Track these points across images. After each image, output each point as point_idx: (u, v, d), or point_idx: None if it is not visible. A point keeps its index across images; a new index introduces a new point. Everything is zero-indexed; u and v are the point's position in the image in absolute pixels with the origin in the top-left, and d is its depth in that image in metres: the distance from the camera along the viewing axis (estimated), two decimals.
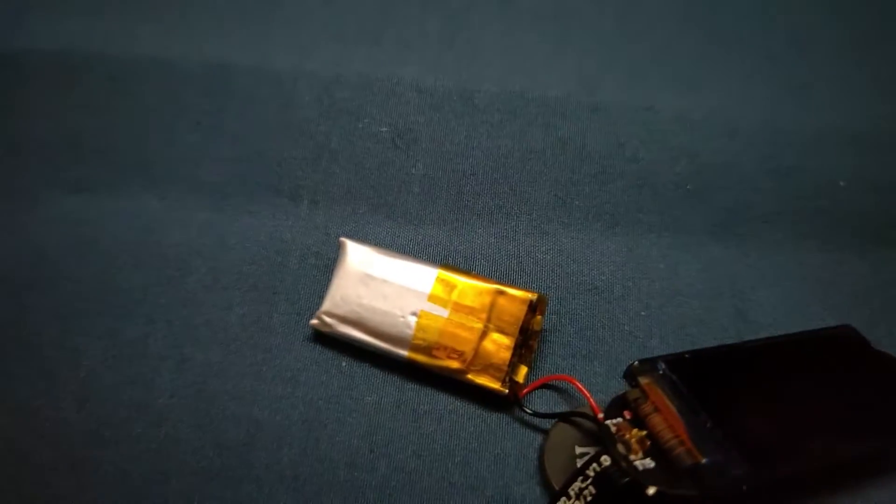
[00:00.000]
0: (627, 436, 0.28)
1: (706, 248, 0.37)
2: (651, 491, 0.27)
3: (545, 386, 0.34)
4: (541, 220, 0.38)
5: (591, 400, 0.31)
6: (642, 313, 0.35)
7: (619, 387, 0.30)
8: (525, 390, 0.33)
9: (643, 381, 0.30)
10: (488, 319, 0.33)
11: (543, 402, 0.33)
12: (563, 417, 0.32)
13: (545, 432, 0.33)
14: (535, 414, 0.32)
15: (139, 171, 0.39)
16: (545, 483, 0.31)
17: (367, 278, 0.34)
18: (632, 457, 0.28)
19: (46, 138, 0.40)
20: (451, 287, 0.33)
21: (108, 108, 0.41)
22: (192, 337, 0.35)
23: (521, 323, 0.32)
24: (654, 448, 0.28)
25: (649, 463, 0.28)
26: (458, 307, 0.33)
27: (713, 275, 0.36)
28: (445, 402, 0.34)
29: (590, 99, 0.40)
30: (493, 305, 0.33)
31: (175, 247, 0.37)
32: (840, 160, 0.39)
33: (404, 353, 0.33)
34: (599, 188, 0.38)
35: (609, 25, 0.44)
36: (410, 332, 0.33)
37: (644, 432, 0.28)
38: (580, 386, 0.32)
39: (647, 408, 0.29)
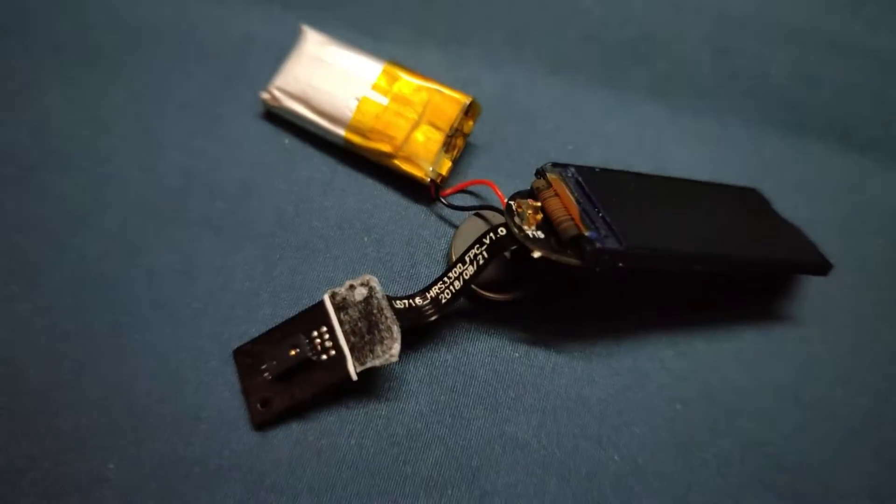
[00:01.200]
0: (523, 209, 0.31)
1: (639, 106, 0.40)
2: (536, 254, 0.30)
3: (467, 192, 0.37)
4: (493, 55, 0.40)
5: (503, 199, 0.34)
6: (569, 147, 0.38)
7: None
8: (447, 191, 0.36)
9: (550, 175, 0.32)
10: (423, 113, 0.35)
11: (462, 202, 0.36)
12: (476, 212, 0.35)
13: (456, 227, 0.36)
14: (451, 206, 0.35)
15: None
16: (449, 264, 0.34)
17: (318, 62, 0.36)
18: (525, 227, 0.30)
19: None
20: (393, 79, 0.36)
21: None
22: (151, 94, 0.38)
23: (452, 121, 0.35)
24: (546, 224, 0.31)
25: (539, 234, 0.30)
26: (397, 98, 0.35)
27: (641, 130, 0.39)
28: (372, 186, 0.36)
29: None
30: (429, 102, 0.35)
31: (148, 19, 0.40)
32: (777, 50, 0.42)
33: (342, 132, 0.35)
34: (553, 34, 0.41)
35: None
36: (350, 113, 0.35)
37: (539, 204, 0.31)
38: (496, 188, 0.35)
39: (547, 193, 0.31)
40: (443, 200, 0.35)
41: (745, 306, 0.36)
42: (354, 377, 0.30)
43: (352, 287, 0.32)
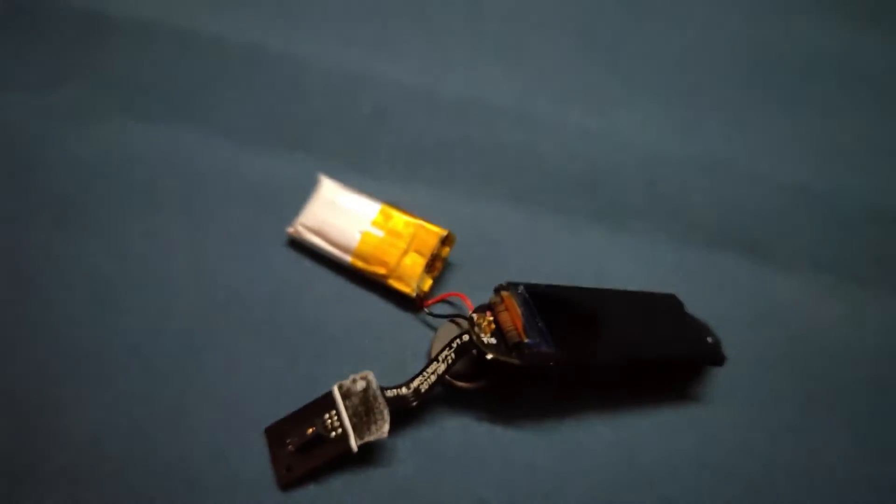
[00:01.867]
0: (481, 322, 0.41)
1: (584, 229, 0.50)
2: (489, 356, 0.40)
3: (445, 301, 0.47)
4: (468, 191, 0.51)
5: (472, 308, 0.44)
6: (526, 265, 0.48)
7: None
8: (430, 301, 0.46)
9: (504, 293, 0.43)
10: (410, 243, 0.46)
11: (441, 311, 0.47)
12: (450, 318, 0.45)
13: (435, 331, 0.46)
14: (431, 314, 0.46)
15: None
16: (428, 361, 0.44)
17: (332, 204, 0.48)
18: (482, 335, 0.41)
19: None
20: (388, 217, 0.47)
21: None
22: (204, 228, 0.49)
23: (432, 249, 0.46)
24: (498, 332, 0.41)
25: (493, 340, 0.41)
26: (390, 231, 0.46)
27: (585, 248, 0.50)
28: (373, 300, 0.47)
29: (525, 110, 0.54)
30: (415, 234, 0.46)
31: (203, 167, 0.52)
32: (697, 181, 0.52)
33: (349, 258, 0.46)
34: (515, 174, 0.52)
35: (556, 51, 0.58)
36: (355, 244, 0.46)
37: (491, 318, 0.41)
38: (467, 299, 0.45)
39: (500, 307, 0.42)
40: (426, 310, 0.46)
41: (665, 390, 0.46)
42: (355, 449, 0.40)
43: (354, 380, 0.42)
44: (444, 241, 0.47)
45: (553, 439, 0.44)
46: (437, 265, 0.47)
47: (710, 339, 0.45)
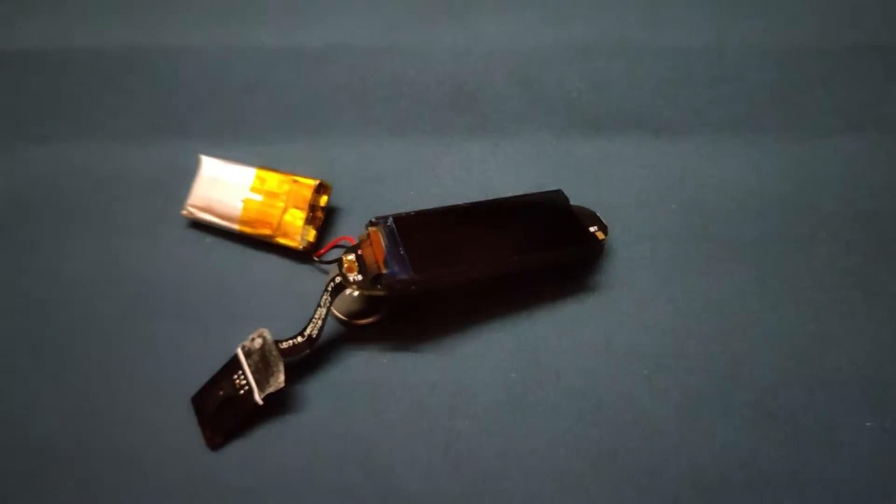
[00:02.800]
0: (346, 262, 0.43)
1: (465, 145, 0.50)
2: (356, 292, 0.41)
3: (338, 246, 0.49)
4: (347, 135, 0.52)
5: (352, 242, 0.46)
6: (411, 192, 0.49)
7: None
8: (321, 251, 0.48)
9: (371, 229, 0.44)
10: (287, 200, 0.48)
11: (336, 257, 0.48)
12: (336, 262, 0.47)
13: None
14: (323, 261, 0.47)
15: None
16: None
17: (213, 180, 0.50)
18: (349, 274, 0.42)
19: None
20: (263, 180, 0.49)
21: None
22: (110, 224, 0.52)
23: (308, 201, 0.47)
24: (363, 269, 0.42)
25: (359, 277, 0.42)
26: (268, 194, 0.48)
27: (468, 165, 0.50)
28: (271, 260, 0.49)
29: (390, 43, 0.54)
30: (290, 191, 0.48)
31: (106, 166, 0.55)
32: (570, 69, 0.51)
33: (237, 227, 0.49)
34: (389, 106, 0.52)
35: None
36: (239, 212, 0.48)
37: (353, 258, 0.42)
38: (352, 239, 0.47)
39: (365, 244, 0.43)
40: (317, 259, 0.48)
41: (561, 283, 0.46)
42: (260, 402, 0.43)
43: (253, 339, 0.45)
44: (319, 189, 0.48)
45: (454, 354, 0.45)
46: (319, 215, 0.49)
47: (593, 229, 0.45)
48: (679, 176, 0.47)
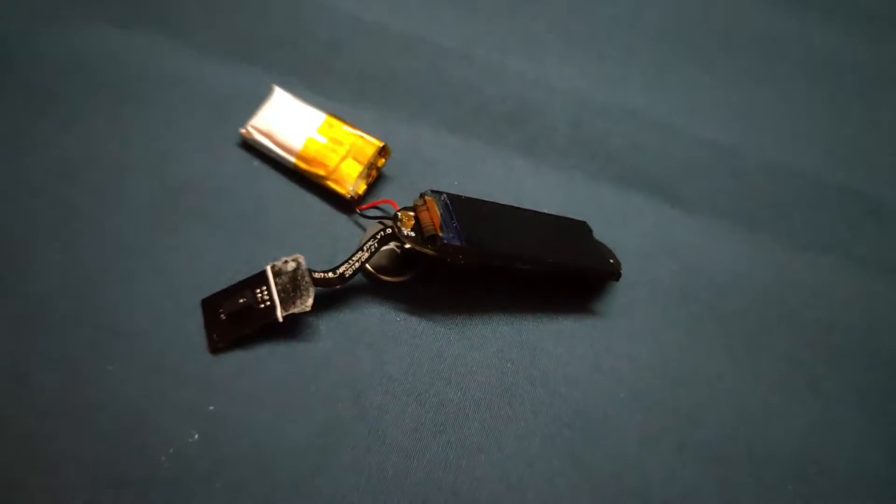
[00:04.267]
0: (404, 218, 0.46)
1: (511, 160, 0.56)
2: (407, 245, 0.45)
3: (377, 208, 0.52)
4: (409, 116, 0.56)
5: (398, 208, 0.50)
6: (454, 183, 0.54)
7: None
8: (363, 206, 0.51)
9: (427, 196, 0.48)
10: (349, 150, 0.51)
11: (374, 215, 0.52)
12: (378, 220, 0.50)
13: (364, 230, 0.51)
14: (363, 215, 0.51)
15: None
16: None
17: (282, 110, 0.52)
18: (403, 228, 0.46)
19: None
20: (331, 126, 0.52)
21: None
22: (167, 126, 0.54)
23: (368, 158, 0.51)
24: (418, 228, 0.46)
25: (412, 233, 0.46)
26: (333, 139, 0.51)
27: (509, 175, 0.55)
28: (311, 199, 0.52)
29: (468, 51, 0.59)
30: (354, 143, 0.51)
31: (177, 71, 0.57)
32: (617, 126, 0.58)
33: (293, 159, 0.51)
34: (453, 105, 0.57)
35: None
36: (300, 147, 0.51)
37: (412, 215, 0.46)
38: (395, 205, 0.50)
39: (421, 207, 0.47)
40: (358, 212, 0.51)
41: (568, 301, 0.51)
42: (280, 319, 0.45)
43: (286, 261, 0.47)
44: (381, 151, 0.52)
45: (462, 332, 0.49)
46: (373, 173, 0.52)
47: (612, 261, 0.51)
48: (684, 243, 0.54)
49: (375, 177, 0.52)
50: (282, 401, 0.45)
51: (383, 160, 0.52)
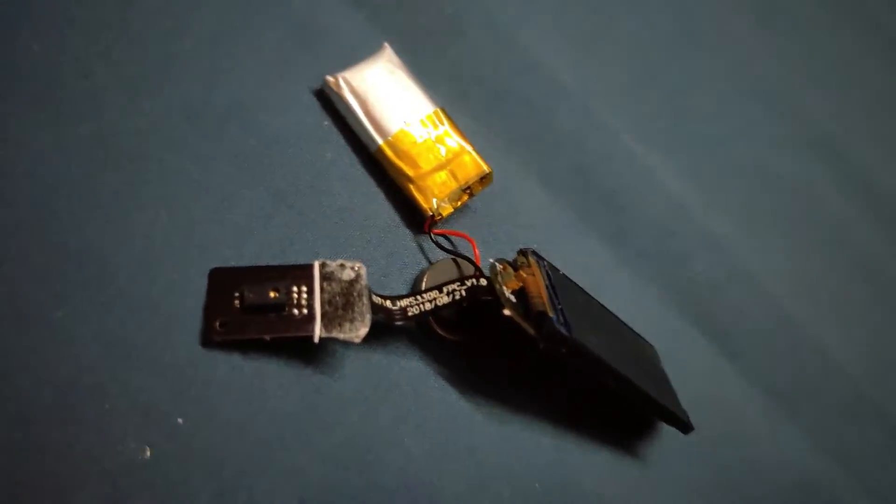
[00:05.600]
0: (507, 274, 0.37)
1: (594, 243, 0.47)
2: (507, 312, 0.35)
3: (447, 238, 0.42)
4: (509, 151, 0.47)
5: (478, 256, 0.40)
6: (533, 245, 0.44)
7: None
8: (437, 231, 0.41)
9: (531, 258, 0.38)
10: (450, 161, 0.41)
11: (444, 245, 0.41)
12: (455, 256, 0.40)
13: (431, 263, 0.41)
14: (436, 243, 0.40)
15: None
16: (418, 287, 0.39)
17: (387, 77, 0.41)
18: (505, 288, 0.36)
19: None
20: (440, 123, 0.41)
21: None
22: (228, 35, 0.41)
23: (468, 179, 0.41)
24: (521, 294, 0.36)
25: (513, 298, 0.36)
26: (436, 139, 0.41)
27: (589, 260, 0.46)
28: (380, 196, 0.41)
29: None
30: (458, 155, 0.41)
31: None
32: (705, 253, 0.51)
33: (379, 141, 0.40)
34: (553, 158, 0.48)
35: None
36: (395, 130, 0.40)
37: (522, 274, 0.37)
38: (475, 246, 0.40)
39: (527, 271, 0.37)
40: (431, 235, 0.40)
41: (619, 432, 0.43)
42: (316, 339, 0.34)
43: (342, 266, 0.36)
44: (483, 179, 0.42)
45: (500, 427, 0.39)
46: (463, 198, 0.42)
47: (682, 407, 0.44)
48: (731, 403, 0.48)
49: (464, 202, 0.42)
50: (264, 443, 0.33)
51: (480, 188, 0.42)
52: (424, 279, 0.39)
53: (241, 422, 0.33)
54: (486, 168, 0.41)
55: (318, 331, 0.34)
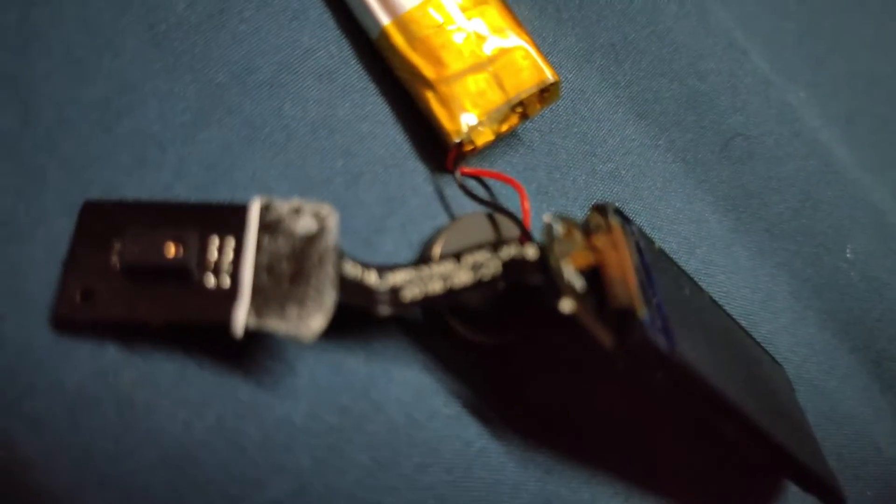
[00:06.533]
0: (572, 240, 0.22)
1: (708, 204, 0.32)
2: (567, 307, 0.20)
3: (484, 182, 0.27)
4: (592, 58, 0.31)
5: (528, 212, 0.25)
6: (615, 202, 0.29)
7: None
8: (467, 170, 0.26)
9: (613, 221, 0.23)
10: (493, 61, 0.26)
11: (476, 191, 0.27)
12: (493, 208, 0.26)
13: (453, 218, 0.26)
14: (463, 188, 0.25)
15: None
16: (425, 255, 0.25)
17: None
18: (564, 266, 0.21)
19: None
20: (485, 7, 0.26)
21: None
22: None
23: (521, 90, 0.26)
24: (594, 275, 0.22)
25: (580, 281, 0.21)
26: (474, 31, 0.26)
27: (698, 228, 0.31)
28: (381, 108, 0.26)
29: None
30: (507, 54, 0.26)
31: None
32: (857, 232, 0.36)
33: (383, 20, 0.25)
34: (661, 83, 0.33)
35: None
36: (410, 5, 0.25)
37: (596, 245, 0.22)
38: (525, 197, 0.26)
39: (605, 239, 0.23)
40: (457, 175, 0.26)
41: (731, 489, 0.28)
42: (239, 331, 0.20)
43: (298, 210, 0.22)
44: (546, 91, 0.27)
45: (541, 486, 0.25)
46: (512, 120, 0.27)
47: (825, 460, 0.29)
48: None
49: (513, 127, 0.28)
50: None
51: (539, 106, 0.27)
52: (439, 244, 0.25)
53: (106, 463, 0.20)
54: (550, 76, 0.26)
55: (242, 317, 0.20)
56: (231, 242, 0.21)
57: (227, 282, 0.20)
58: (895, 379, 0.34)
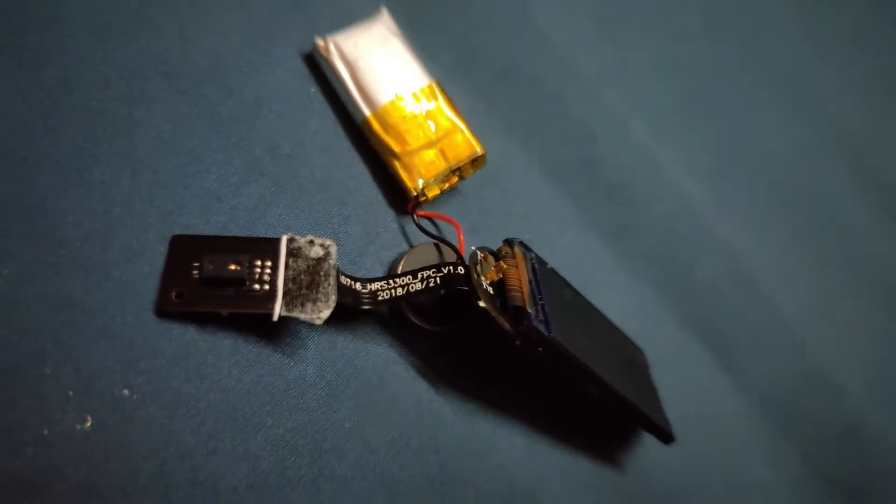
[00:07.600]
0: (487, 263, 0.34)
1: (593, 237, 0.45)
2: (482, 304, 0.33)
3: (432, 221, 0.40)
4: (510, 132, 0.44)
5: (462, 244, 0.38)
6: (525, 236, 0.41)
7: None
8: (421, 213, 0.38)
9: (517, 250, 0.36)
10: (440, 139, 0.38)
11: (427, 228, 0.39)
12: (438, 241, 0.38)
13: (411, 246, 0.39)
14: (419, 226, 0.38)
15: None
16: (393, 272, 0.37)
17: (381, 44, 0.39)
18: (483, 279, 0.33)
19: None
20: (433, 97, 0.39)
21: None
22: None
23: (459, 160, 0.38)
24: (500, 286, 0.34)
25: (491, 290, 0.34)
26: (427, 114, 0.38)
27: (586, 256, 0.44)
28: (363, 171, 0.39)
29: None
30: (450, 133, 0.38)
31: None
32: (705, 257, 0.48)
33: (367, 112, 0.38)
34: (561, 144, 0.46)
35: None
36: (384, 102, 0.38)
37: (503, 265, 0.34)
38: (461, 233, 0.38)
39: (510, 262, 0.35)
40: (414, 217, 0.38)
41: (594, 439, 0.40)
42: (276, 318, 0.31)
43: (311, 242, 0.33)
44: (476, 161, 0.39)
45: (472, 425, 0.37)
46: (452, 181, 0.39)
47: (662, 411, 0.41)
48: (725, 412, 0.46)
49: (453, 185, 0.40)
50: (213, 422, 0.32)
51: (472, 171, 0.40)
52: (401, 263, 0.37)
53: (190, 398, 0.31)
54: (478, 149, 0.39)
55: (278, 309, 0.32)
56: (269, 262, 0.33)
57: (266, 287, 0.32)
58: (732, 362, 0.47)
